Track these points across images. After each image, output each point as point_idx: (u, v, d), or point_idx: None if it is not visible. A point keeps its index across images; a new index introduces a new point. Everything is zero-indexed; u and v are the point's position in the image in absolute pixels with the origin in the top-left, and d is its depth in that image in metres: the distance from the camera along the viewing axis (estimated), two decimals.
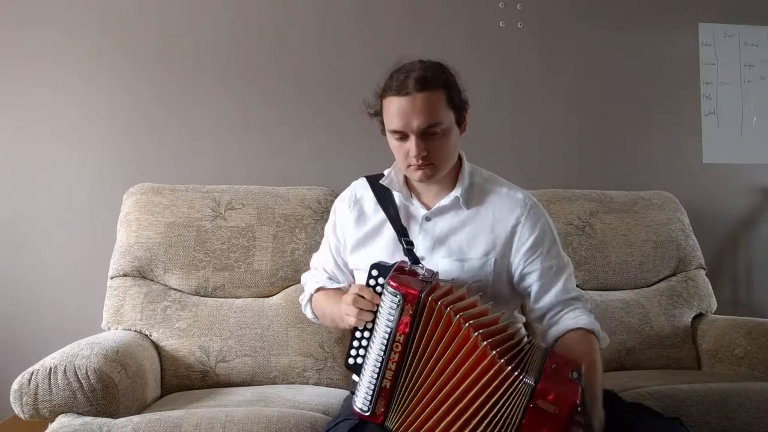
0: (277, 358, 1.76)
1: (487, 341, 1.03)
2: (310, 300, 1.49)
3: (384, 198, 1.36)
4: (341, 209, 1.44)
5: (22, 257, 2.12)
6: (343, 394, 1.53)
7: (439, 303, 1.07)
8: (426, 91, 1.21)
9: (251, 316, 1.81)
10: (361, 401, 1.12)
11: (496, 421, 1.02)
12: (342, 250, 1.44)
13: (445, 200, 1.33)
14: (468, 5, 2.39)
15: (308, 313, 1.51)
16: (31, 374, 1.34)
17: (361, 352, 1.15)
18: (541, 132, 2.43)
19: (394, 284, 1.09)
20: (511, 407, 1.01)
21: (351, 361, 1.17)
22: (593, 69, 2.47)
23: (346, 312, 1.17)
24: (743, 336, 1.86)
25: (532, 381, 0.99)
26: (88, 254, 2.12)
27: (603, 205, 2.13)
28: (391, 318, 1.09)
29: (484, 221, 1.32)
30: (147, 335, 1.74)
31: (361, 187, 1.43)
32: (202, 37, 2.25)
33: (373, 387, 1.11)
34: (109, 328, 1.76)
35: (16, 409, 1.34)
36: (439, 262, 1.30)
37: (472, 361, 1.04)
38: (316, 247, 1.58)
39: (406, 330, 1.08)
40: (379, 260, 1.21)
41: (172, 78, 2.22)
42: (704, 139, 2.54)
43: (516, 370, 1.01)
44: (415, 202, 1.36)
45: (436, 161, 1.26)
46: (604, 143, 2.47)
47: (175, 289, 1.83)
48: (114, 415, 1.35)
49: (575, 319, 1.26)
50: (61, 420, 1.29)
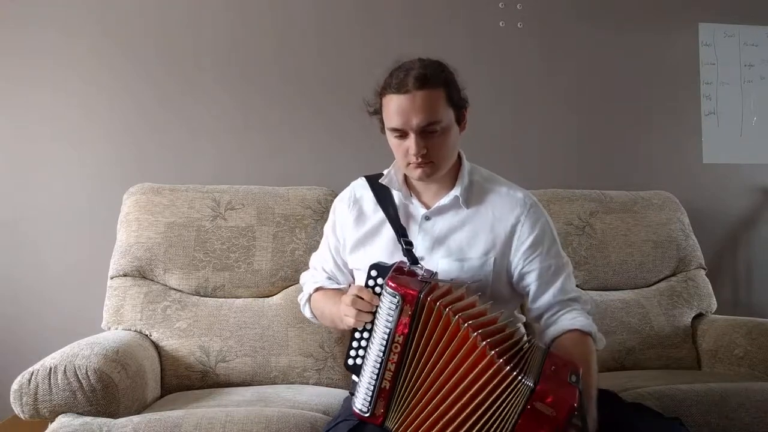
0: (277, 358, 1.76)
1: (486, 341, 1.03)
2: (309, 300, 1.49)
3: (383, 198, 1.36)
4: (340, 209, 1.44)
5: (22, 257, 2.12)
6: (343, 394, 1.53)
7: (438, 303, 1.07)
8: (426, 89, 1.21)
9: (251, 316, 1.81)
10: (361, 402, 1.12)
11: (493, 420, 1.02)
12: (341, 250, 1.44)
13: (445, 199, 1.33)
14: (468, 5, 2.39)
15: (307, 313, 1.51)
16: (31, 374, 1.34)
17: (361, 352, 1.15)
18: (541, 132, 2.43)
19: (393, 285, 1.09)
20: (508, 407, 1.01)
21: (350, 361, 1.17)
22: (593, 69, 2.47)
23: (345, 313, 1.17)
24: (743, 336, 1.86)
25: (531, 382, 0.99)
26: (88, 254, 2.12)
27: (603, 205, 2.13)
28: (390, 318, 1.09)
29: (483, 220, 1.32)
30: (147, 335, 1.74)
31: (361, 187, 1.43)
32: (202, 37, 2.25)
33: (372, 388, 1.10)
34: (109, 328, 1.76)
35: (16, 409, 1.34)
36: (439, 261, 1.30)
37: (471, 361, 1.04)
38: (316, 247, 1.58)
39: (405, 330, 1.08)
40: (378, 260, 1.21)
41: (172, 78, 2.22)
42: (704, 139, 2.54)
43: (515, 370, 1.01)
44: (415, 201, 1.36)
45: (436, 159, 1.26)
46: (604, 143, 2.47)
47: (175, 289, 1.83)
48: (114, 415, 1.35)
49: (572, 321, 1.26)
50: (61, 420, 1.29)
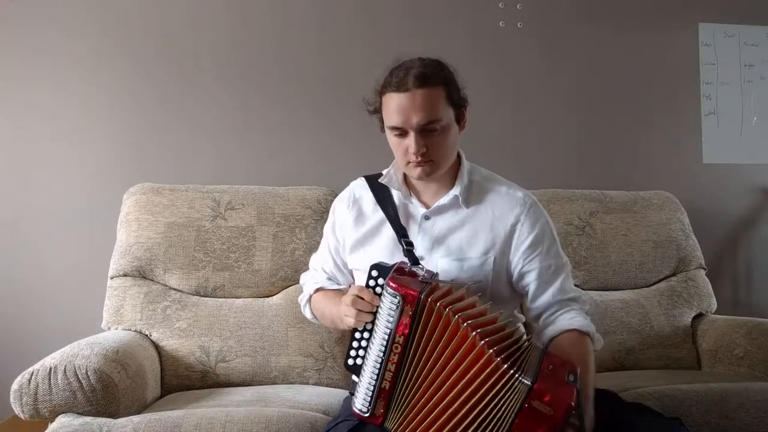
0: (277, 358, 1.76)
1: (484, 340, 1.03)
2: (309, 300, 1.49)
3: (383, 198, 1.36)
4: (340, 209, 1.44)
5: (22, 257, 2.12)
6: (343, 394, 1.53)
7: (439, 304, 1.07)
8: (425, 87, 1.21)
9: (251, 316, 1.81)
10: (361, 402, 1.12)
11: (491, 418, 1.02)
12: (341, 251, 1.44)
13: (444, 199, 1.32)
14: (468, 5, 2.39)
15: (307, 314, 1.51)
16: (31, 374, 1.34)
17: (361, 353, 1.15)
18: (541, 132, 2.43)
19: (394, 285, 1.09)
20: (506, 406, 1.01)
21: (351, 362, 1.17)
22: (593, 69, 2.47)
23: (345, 313, 1.17)
24: (743, 336, 1.86)
25: (529, 381, 0.99)
26: (88, 254, 2.12)
27: (603, 205, 2.13)
28: (391, 319, 1.09)
29: (483, 220, 1.32)
30: (147, 335, 1.74)
31: (360, 187, 1.43)
32: (202, 37, 2.25)
33: (372, 388, 1.10)
34: (109, 328, 1.76)
35: (16, 409, 1.34)
36: (439, 261, 1.30)
37: (470, 360, 1.04)
38: (316, 247, 1.58)
39: (406, 331, 1.08)
40: (378, 261, 1.21)
41: (172, 78, 2.22)
42: (704, 139, 2.54)
43: (513, 368, 1.01)
44: (414, 201, 1.35)
45: (436, 158, 1.26)
46: (604, 143, 2.47)
47: (175, 289, 1.83)
48: (114, 415, 1.35)
49: (570, 320, 1.26)
50: (61, 420, 1.29)
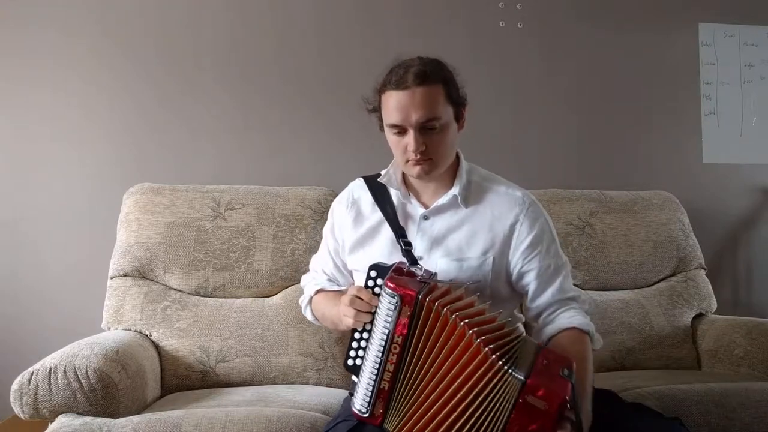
0: (277, 358, 1.76)
1: (481, 338, 1.03)
2: (310, 302, 1.49)
3: (381, 198, 1.36)
4: (339, 210, 1.44)
5: (22, 257, 2.12)
6: (343, 394, 1.53)
7: (437, 303, 1.07)
8: (425, 85, 1.21)
9: (251, 316, 1.81)
10: (360, 402, 1.12)
11: (486, 415, 1.02)
12: (340, 252, 1.44)
13: (443, 199, 1.32)
14: (468, 5, 2.39)
15: (308, 315, 1.51)
16: (31, 374, 1.34)
17: (360, 353, 1.15)
18: (541, 132, 2.42)
19: (392, 285, 1.09)
20: (500, 401, 1.01)
21: (350, 362, 1.17)
22: (593, 69, 2.47)
23: (344, 313, 1.17)
24: (743, 336, 1.86)
25: (522, 376, 0.99)
26: (88, 254, 2.12)
27: (603, 205, 2.13)
28: (389, 319, 1.09)
29: (482, 220, 1.32)
30: (147, 335, 1.74)
31: (359, 188, 1.43)
32: (202, 37, 2.25)
33: (371, 388, 1.10)
34: (109, 328, 1.76)
35: (16, 409, 1.34)
36: (438, 261, 1.30)
37: (466, 358, 1.04)
38: (316, 247, 1.58)
39: (404, 331, 1.08)
40: (377, 261, 1.21)
41: (172, 78, 2.22)
42: (704, 139, 2.54)
43: (506, 364, 1.01)
44: (413, 200, 1.35)
45: (435, 156, 1.26)
46: (604, 143, 2.46)
47: (175, 289, 1.83)
48: (114, 415, 1.35)
49: (570, 319, 1.26)
50: (61, 420, 1.29)
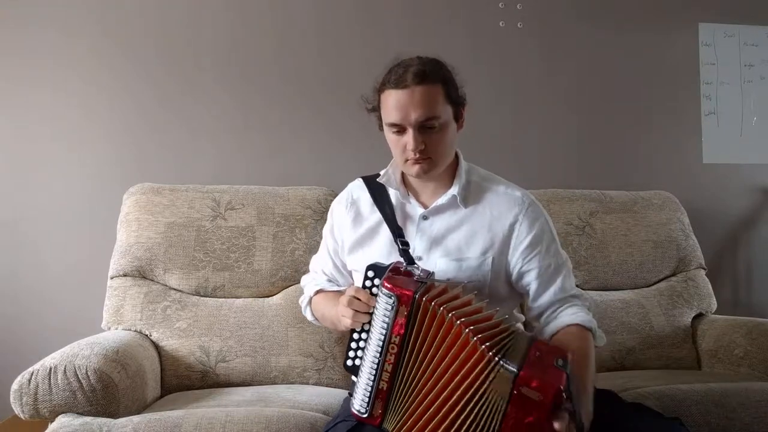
0: (277, 358, 1.76)
1: (477, 336, 1.03)
2: (310, 302, 1.49)
3: (380, 198, 1.36)
4: (338, 211, 1.44)
5: (22, 257, 2.12)
6: (343, 394, 1.53)
7: (433, 303, 1.07)
8: (424, 84, 1.21)
9: (251, 316, 1.81)
10: (359, 403, 1.12)
11: (482, 409, 1.01)
12: (340, 252, 1.44)
13: (443, 199, 1.32)
14: (468, 5, 2.39)
15: (308, 316, 1.51)
16: (31, 374, 1.34)
17: (359, 353, 1.15)
18: (541, 132, 2.43)
19: (389, 285, 1.09)
20: (495, 395, 1.00)
21: (349, 362, 1.17)
22: (593, 69, 2.47)
23: (342, 314, 1.17)
24: (743, 336, 1.86)
25: (514, 368, 0.99)
26: (88, 254, 2.12)
27: (603, 205, 2.13)
28: (387, 319, 1.09)
29: (481, 219, 1.32)
30: (147, 335, 1.74)
31: (358, 188, 1.43)
32: (202, 37, 2.25)
33: (370, 388, 1.10)
34: (109, 328, 1.76)
35: (16, 409, 1.34)
36: (437, 261, 1.29)
37: (463, 356, 1.04)
38: (316, 247, 1.58)
39: (402, 331, 1.08)
40: (375, 261, 1.21)
41: (172, 78, 2.22)
42: (704, 139, 2.54)
43: (498, 356, 1.00)
44: (413, 200, 1.35)
45: (434, 156, 1.26)
46: (604, 143, 2.47)
47: (175, 289, 1.83)
48: (114, 415, 1.35)
49: (572, 316, 1.26)
50: (61, 420, 1.29)
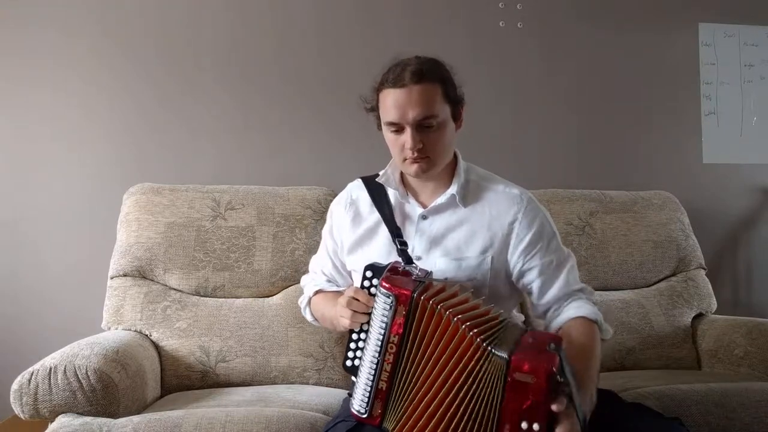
0: (277, 358, 1.76)
1: (473, 330, 1.03)
2: (309, 303, 1.49)
3: (379, 198, 1.35)
4: (337, 211, 1.44)
5: (22, 257, 2.12)
6: (342, 394, 1.52)
7: (431, 302, 1.07)
8: (422, 83, 1.21)
9: (251, 316, 1.81)
10: (358, 403, 1.12)
11: (479, 400, 1.01)
12: (339, 253, 1.44)
13: (442, 198, 1.32)
14: (468, 5, 2.39)
15: (308, 316, 1.51)
16: (31, 374, 1.34)
17: (358, 353, 1.15)
18: (541, 132, 2.42)
19: (387, 285, 1.09)
20: (489, 383, 1.00)
21: (349, 363, 1.17)
22: (593, 69, 2.47)
23: (341, 314, 1.17)
24: (743, 336, 1.86)
25: (505, 354, 0.98)
26: (88, 254, 2.12)
27: (603, 205, 2.13)
28: (385, 319, 1.09)
29: (480, 219, 1.32)
30: (147, 335, 1.74)
31: (357, 188, 1.43)
32: (202, 37, 2.25)
33: (369, 389, 1.10)
34: (109, 328, 1.76)
35: (16, 409, 1.34)
36: (437, 261, 1.29)
37: (460, 352, 1.04)
38: (316, 247, 1.58)
39: (400, 331, 1.08)
40: (374, 261, 1.21)
41: (172, 78, 2.22)
42: (704, 139, 2.54)
43: (490, 344, 1.01)
44: (412, 200, 1.35)
45: (432, 155, 1.26)
46: (604, 143, 2.46)
47: (175, 289, 1.83)
48: (114, 415, 1.35)
49: (577, 309, 1.25)
50: (61, 420, 1.29)
